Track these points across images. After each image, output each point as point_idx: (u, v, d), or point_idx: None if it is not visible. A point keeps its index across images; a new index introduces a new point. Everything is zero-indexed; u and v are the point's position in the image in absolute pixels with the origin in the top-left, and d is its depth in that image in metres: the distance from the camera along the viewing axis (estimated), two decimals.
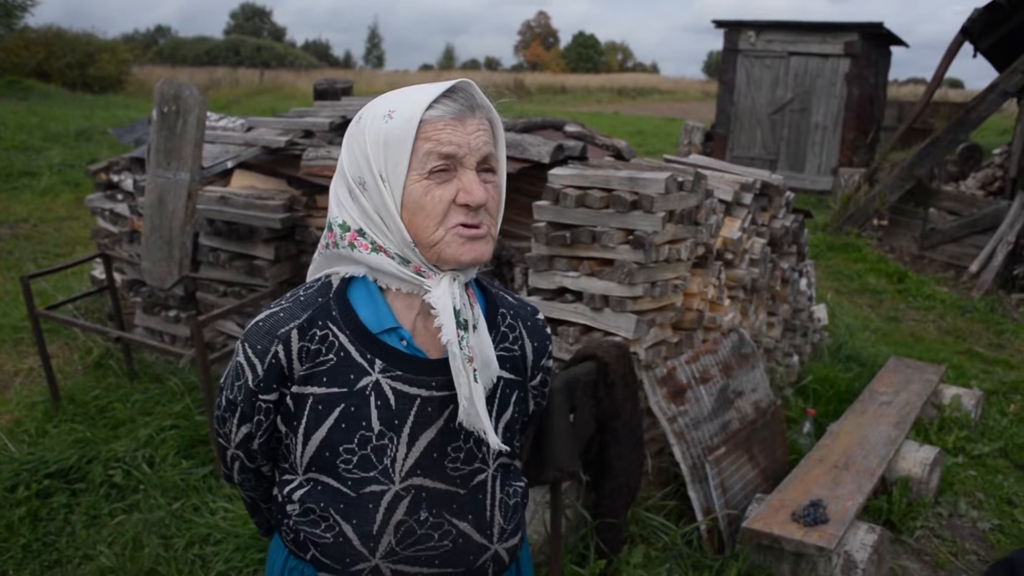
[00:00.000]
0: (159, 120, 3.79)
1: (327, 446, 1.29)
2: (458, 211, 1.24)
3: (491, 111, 1.29)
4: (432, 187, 1.23)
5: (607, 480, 2.99)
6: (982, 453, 4.32)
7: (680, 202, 3.33)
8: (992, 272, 8.12)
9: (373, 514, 1.30)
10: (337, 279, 1.34)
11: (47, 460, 3.59)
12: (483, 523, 1.37)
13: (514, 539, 1.43)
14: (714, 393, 3.47)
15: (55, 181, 10.00)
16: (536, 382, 1.49)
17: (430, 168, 1.22)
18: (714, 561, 3.11)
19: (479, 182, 1.24)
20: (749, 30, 13.67)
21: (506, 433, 1.40)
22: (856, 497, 3.24)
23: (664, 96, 42.57)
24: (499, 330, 1.40)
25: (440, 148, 1.22)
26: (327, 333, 1.29)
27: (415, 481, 1.31)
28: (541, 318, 1.49)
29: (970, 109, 9.60)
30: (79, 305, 5.29)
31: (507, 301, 1.45)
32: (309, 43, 72.65)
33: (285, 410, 1.32)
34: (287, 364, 1.29)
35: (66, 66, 21.87)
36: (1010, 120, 13.51)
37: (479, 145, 1.24)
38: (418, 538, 1.32)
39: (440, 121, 1.22)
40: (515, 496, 1.44)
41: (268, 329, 1.29)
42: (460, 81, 1.27)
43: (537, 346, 1.46)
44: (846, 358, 5.29)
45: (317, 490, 1.33)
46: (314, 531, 1.33)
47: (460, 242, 1.24)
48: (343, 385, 1.28)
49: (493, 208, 1.28)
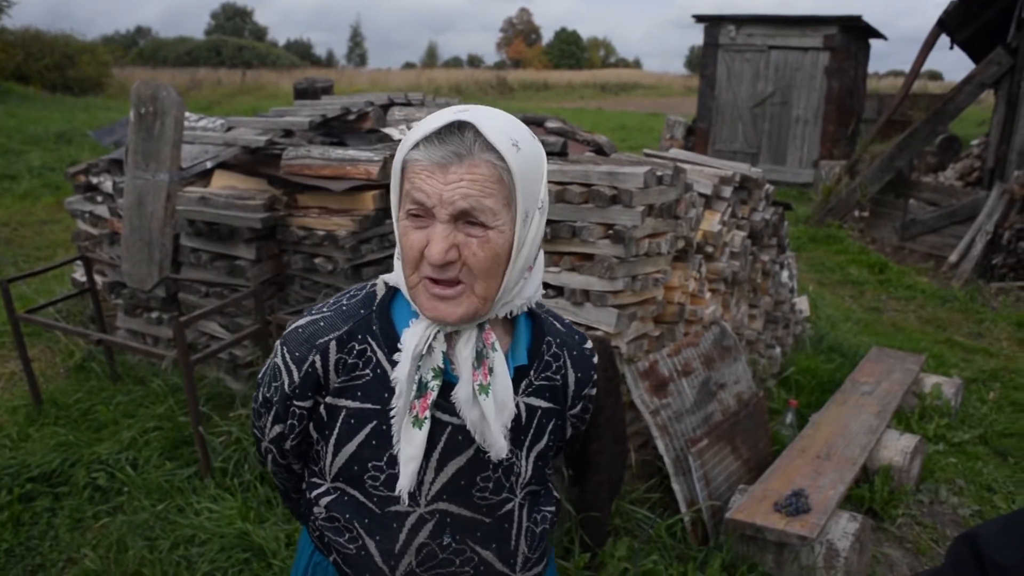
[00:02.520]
0: (137, 121, 3.77)
1: (356, 460, 1.28)
2: (426, 263, 1.17)
3: (503, 156, 1.13)
4: (410, 230, 1.17)
5: (590, 474, 3.00)
6: (962, 441, 4.37)
7: (659, 196, 3.35)
8: (971, 262, 8.20)
9: (396, 533, 1.30)
10: (382, 288, 1.32)
11: (29, 464, 3.57)
12: (506, 552, 1.35)
13: (538, 567, 1.41)
14: (696, 386, 3.50)
15: (35, 184, 9.92)
16: (576, 411, 1.44)
17: (407, 210, 1.17)
18: (698, 552, 3.13)
19: (444, 237, 1.14)
20: (729, 24, 13.72)
21: (537, 462, 1.37)
22: (838, 486, 3.27)
23: (647, 91, 42.69)
24: (543, 359, 1.36)
25: (414, 193, 1.15)
26: (366, 348, 1.27)
27: (440, 506, 1.30)
28: (589, 347, 1.43)
29: (948, 101, 9.69)
30: (60, 308, 5.26)
31: (555, 329, 1.40)
32: (291, 42, 72.33)
33: (318, 418, 1.31)
34: (323, 374, 1.27)
35: (45, 68, 21.64)
36: (987, 111, 13.63)
37: (455, 198, 1.12)
38: (439, 562, 1.31)
39: (418, 165, 1.14)
40: (543, 523, 1.42)
41: (307, 337, 1.27)
42: (462, 118, 1.14)
43: (580, 376, 1.41)
44: (828, 349, 5.33)
45: (344, 500, 1.32)
46: (338, 539, 1.33)
47: (427, 297, 1.19)
48: (377, 402, 1.27)
49: (479, 268, 1.16)
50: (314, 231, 3.91)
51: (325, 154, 3.92)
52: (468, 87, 33.70)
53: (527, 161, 1.16)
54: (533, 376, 1.34)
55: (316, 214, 3.97)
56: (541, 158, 1.21)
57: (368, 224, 3.84)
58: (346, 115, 4.66)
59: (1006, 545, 1.14)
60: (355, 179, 3.86)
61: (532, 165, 1.17)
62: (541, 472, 1.39)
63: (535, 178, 1.18)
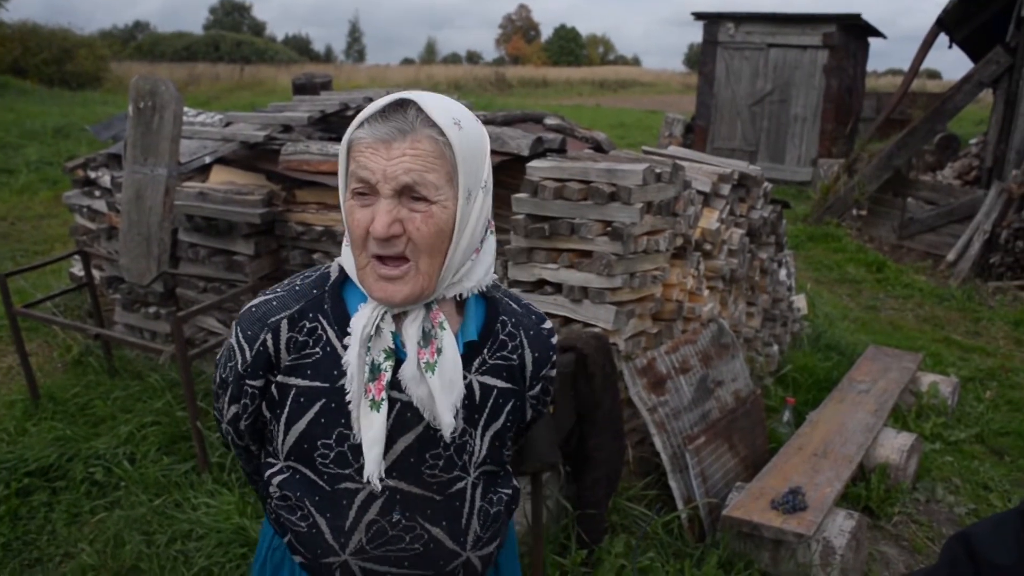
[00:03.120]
0: (135, 116, 3.77)
1: (306, 438, 1.29)
2: (372, 240, 1.18)
3: (444, 131, 1.17)
4: (355, 209, 1.20)
5: (588, 471, 3.01)
6: (959, 439, 4.38)
7: (658, 193, 3.35)
8: (969, 261, 8.21)
9: (346, 511, 1.31)
10: (336, 270, 1.33)
11: (27, 458, 3.57)
12: (457, 530, 1.36)
13: (490, 547, 1.42)
14: (694, 383, 3.50)
15: (33, 179, 9.91)
16: (535, 392, 1.46)
17: (352, 189, 1.20)
18: (695, 549, 3.14)
19: (388, 211, 1.16)
20: (728, 22, 13.71)
21: (494, 442, 1.38)
22: (835, 484, 3.28)
23: (645, 88, 42.68)
24: (497, 338, 1.37)
25: (359, 171, 1.17)
26: (316, 326, 1.29)
27: (390, 483, 1.31)
28: (547, 327, 1.44)
29: (946, 99, 9.70)
30: (58, 302, 5.25)
31: (510, 309, 1.41)
32: (289, 38, 72.23)
33: (270, 397, 1.33)
34: (274, 353, 1.29)
35: (43, 62, 21.60)
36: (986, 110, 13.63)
37: (397, 173, 1.15)
38: (389, 539, 1.32)
39: (362, 143, 1.17)
40: (498, 504, 1.43)
41: (260, 316, 1.29)
42: (403, 97, 1.18)
43: (538, 356, 1.42)
44: (825, 347, 5.34)
45: (295, 479, 1.34)
46: (290, 518, 1.35)
47: (375, 278, 1.21)
48: (326, 381, 1.28)
49: (424, 243, 1.18)
50: (312, 227, 3.91)
51: (324, 150, 3.92)
52: (467, 83, 33.67)
53: (469, 139, 1.19)
54: (487, 355, 1.35)
55: (314, 210, 3.97)
56: (483, 139, 1.24)
57: None
58: (345, 111, 4.66)
59: (1000, 544, 1.14)
60: None
61: (474, 144, 1.21)
62: (498, 453, 1.40)
63: (477, 157, 1.22)
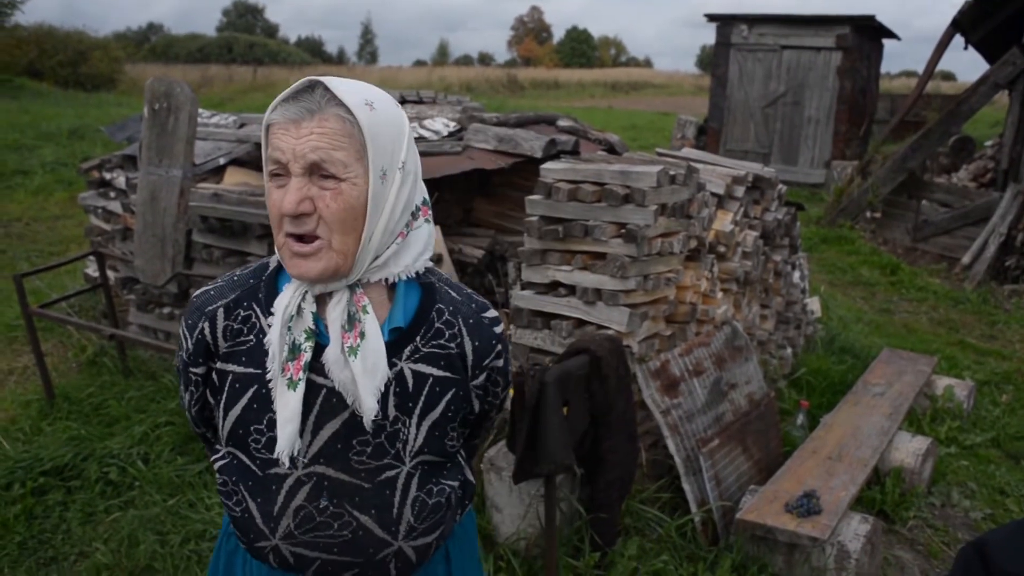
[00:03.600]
0: (150, 117, 3.79)
1: (241, 424, 1.33)
2: (286, 219, 1.22)
3: (352, 110, 1.20)
4: (272, 190, 1.24)
5: (601, 473, 3.00)
6: (974, 443, 4.34)
7: (672, 195, 3.34)
8: (984, 263, 8.15)
9: (275, 496, 1.33)
10: (275, 261, 1.37)
11: (42, 458, 3.59)
12: (387, 519, 1.35)
13: (427, 538, 1.40)
14: (707, 386, 3.49)
15: (48, 180, 9.97)
16: (479, 382, 1.43)
17: (269, 171, 1.24)
18: (708, 553, 3.12)
19: (298, 189, 1.20)
20: (741, 24, 13.68)
21: (433, 432, 1.36)
22: (849, 488, 3.26)
23: (657, 90, 42.59)
24: (432, 326, 1.37)
25: (272, 153, 1.22)
26: (250, 314, 1.33)
27: (317, 469, 1.32)
28: (488, 316, 1.44)
29: (962, 101, 9.63)
30: (73, 303, 5.29)
31: (449, 297, 1.41)
32: (302, 40, 72.46)
33: (212, 385, 1.36)
34: (212, 341, 1.33)
35: (58, 64, 21.76)
36: (1001, 112, 13.54)
37: (305, 151, 1.18)
38: (316, 525, 1.33)
39: (276, 125, 1.21)
40: (439, 495, 1.40)
41: (199, 305, 1.35)
42: (313, 79, 1.23)
43: (479, 345, 1.40)
44: (839, 350, 5.31)
45: (233, 464, 1.37)
46: (228, 502, 1.38)
47: (289, 255, 1.24)
48: (258, 367, 1.31)
49: (334, 220, 1.21)
50: None
51: None
52: (479, 85, 33.69)
53: (381, 120, 1.22)
54: (420, 343, 1.36)
55: None
56: (400, 121, 1.27)
57: None
58: None
59: (1015, 553, 1.14)
60: None
61: (388, 125, 1.24)
62: (439, 443, 1.38)
63: (391, 137, 1.24)
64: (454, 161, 4.48)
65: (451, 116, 5.25)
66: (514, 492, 3.01)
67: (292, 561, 1.35)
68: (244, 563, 1.45)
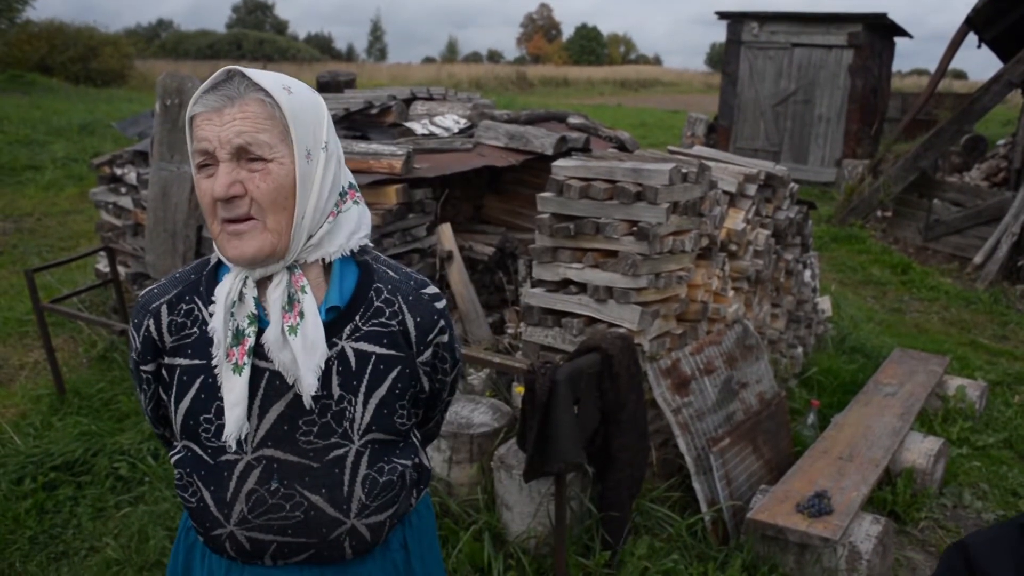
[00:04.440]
0: (162, 113, 3.79)
1: (191, 415, 1.34)
2: (219, 205, 1.24)
3: (271, 93, 1.24)
4: (201, 181, 1.26)
5: (612, 472, 2.99)
6: (986, 444, 4.32)
7: (684, 193, 3.32)
8: (996, 263, 8.10)
9: (227, 482, 1.35)
10: (215, 257, 1.39)
11: (52, 453, 3.60)
12: (339, 498, 1.36)
13: (379, 516, 1.41)
14: (718, 384, 3.47)
15: (59, 175, 10.00)
16: (425, 358, 1.46)
17: (196, 163, 1.26)
18: (719, 552, 3.11)
19: (227, 174, 1.23)
20: (752, 21, 13.62)
21: (381, 409, 1.38)
22: (861, 488, 3.24)
23: (667, 88, 42.51)
24: (372, 305, 1.40)
25: (198, 144, 1.24)
26: (193, 307, 1.36)
27: (266, 452, 1.34)
28: (428, 292, 1.47)
29: (974, 100, 9.57)
30: (83, 298, 5.30)
31: (387, 276, 1.44)
32: (312, 36, 72.56)
33: (163, 380, 1.38)
34: (158, 337, 1.36)
35: (69, 60, 21.84)
36: (1014, 111, 13.46)
37: (230, 136, 1.22)
38: (269, 507, 1.34)
39: (200, 116, 1.24)
40: (391, 474, 1.42)
41: (143, 304, 1.38)
42: (230, 69, 1.26)
43: (421, 321, 1.43)
44: (850, 349, 5.29)
45: (187, 456, 1.39)
46: (184, 495, 1.40)
47: (227, 239, 1.26)
48: (203, 357, 1.34)
49: (263, 198, 1.24)
50: None
51: (348, 148, 3.92)
52: (488, 82, 33.67)
53: (299, 102, 1.27)
54: (360, 321, 1.38)
55: None
56: (318, 104, 1.33)
57: (391, 218, 3.84)
58: (369, 109, 4.67)
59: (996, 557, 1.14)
60: (378, 173, 3.86)
61: (306, 107, 1.28)
62: (388, 421, 1.40)
63: (312, 120, 1.29)
64: (465, 158, 4.48)
65: (462, 113, 5.24)
66: (524, 490, 3.00)
67: (248, 547, 1.36)
68: (203, 557, 1.46)
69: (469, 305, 4.29)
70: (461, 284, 4.29)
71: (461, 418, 3.33)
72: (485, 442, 3.24)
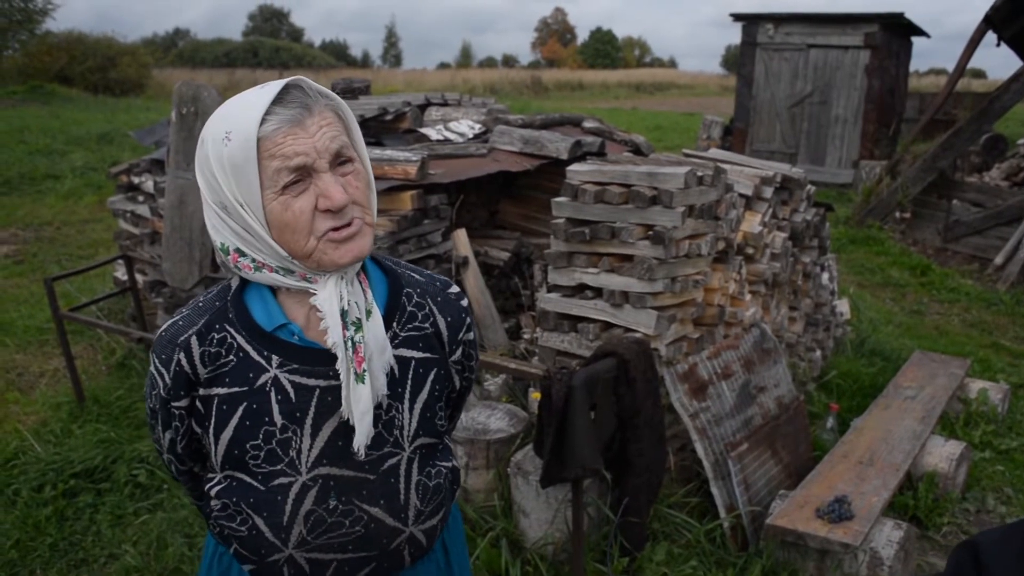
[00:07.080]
0: (178, 122, 3.81)
1: (236, 444, 1.31)
2: (323, 217, 1.21)
3: (331, 98, 1.25)
4: (290, 202, 1.20)
5: (629, 477, 2.97)
6: (1010, 448, 4.26)
7: (700, 197, 3.30)
8: (1018, 264, 8.01)
9: (282, 506, 1.32)
10: (236, 282, 1.36)
11: (72, 460, 3.63)
12: (396, 507, 1.36)
13: (433, 520, 1.42)
14: (736, 389, 3.45)
15: (78, 184, 10.10)
16: (457, 357, 1.47)
17: (283, 184, 1.19)
18: (738, 558, 3.08)
19: (336, 182, 1.21)
20: (768, 23, 13.55)
21: (425, 413, 1.39)
22: (881, 493, 3.21)
23: (682, 91, 42.37)
24: (405, 311, 1.40)
25: (288, 163, 1.18)
26: (225, 335, 1.32)
27: (321, 471, 1.32)
28: (453, 291, 1.48)
29: (993, 99, 9.47)
30: (102, 306, 5.34)
31: (413, 279, 1.45)
32: (327, 43, 72.94)
33: (197, 413, 1.34)
34: (191, 370, 1.31)
35: (87, 70, 22.06)
36: None
37: (326, 143, 1.20)
38: (328, 526, 1.33)
39: (278, 134, 1.18)
40: (438, 477, 1.43)
41: (169, 338, 1.32)
42: (288, 81, 1.23)
43: (451, 320, 1.45)
44: (869, 352, 5.24)
45: (232, 486, 1.35)
46: (231, 525, 1.35)
47: (334, 247, 1.24)
48: (244, 384, 1.31)
49: (362, 198, 1.26)
50: None
51: None
52: (503, 87, 33.70)
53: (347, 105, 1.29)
54: (397, 328, 1.38)
55: None
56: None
57: (406, 224, 3.84)
58: (384, 115, 4.67)
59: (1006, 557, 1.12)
60: (393, 179, 3.86)
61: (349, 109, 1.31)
62: (431, 424, 1.40)
63: (355, 120, 1.31)
64: (479, 163, 4.48)
65: (476, 118, 5.24)
66: (541, 496, 2.99)
67: (308, 569, 1.34)
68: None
69: (485, 310, 4.28)
70: (477, 289, 4.29)
71: (478, 424, 3.32)
72: (502, 448, 3.24)
